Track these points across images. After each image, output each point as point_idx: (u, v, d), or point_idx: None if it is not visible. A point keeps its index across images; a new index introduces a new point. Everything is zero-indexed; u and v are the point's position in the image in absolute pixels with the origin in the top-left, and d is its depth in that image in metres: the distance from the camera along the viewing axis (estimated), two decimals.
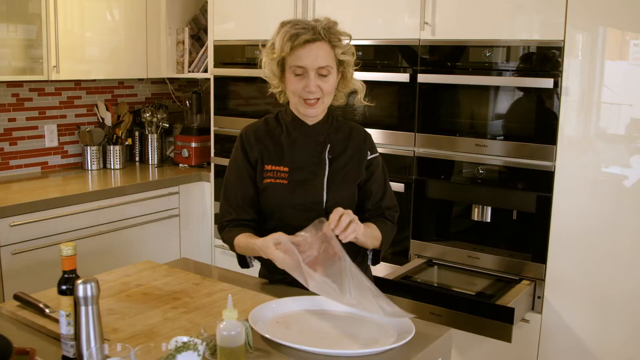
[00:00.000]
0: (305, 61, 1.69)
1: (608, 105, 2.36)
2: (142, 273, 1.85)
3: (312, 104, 1.74)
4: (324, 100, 1.76)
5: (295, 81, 1.72)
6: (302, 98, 1.74)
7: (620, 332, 2.39)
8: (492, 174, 2.61)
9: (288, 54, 1.70)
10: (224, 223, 1.83)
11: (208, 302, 1.63)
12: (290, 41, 1.68)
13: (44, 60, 3.12)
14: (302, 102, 1.75)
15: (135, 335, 1.43)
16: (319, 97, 1.73)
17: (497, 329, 2.27)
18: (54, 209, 2.94)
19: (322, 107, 1.78)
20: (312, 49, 1.69)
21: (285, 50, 1.69)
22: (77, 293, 1.26)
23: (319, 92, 1.72)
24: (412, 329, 1.45)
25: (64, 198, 3.00)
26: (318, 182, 1.78)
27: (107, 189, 3.21)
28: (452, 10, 2.63)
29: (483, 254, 2.66)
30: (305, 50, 1.69)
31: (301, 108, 1.76)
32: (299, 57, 1.69)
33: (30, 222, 2.84)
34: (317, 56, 1.69)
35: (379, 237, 1.80)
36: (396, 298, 2.46)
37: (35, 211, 2.86)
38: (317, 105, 1.75)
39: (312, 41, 1.69)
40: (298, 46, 1.68)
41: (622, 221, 2.34)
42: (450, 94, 2.70)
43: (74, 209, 3.02)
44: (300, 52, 1.69)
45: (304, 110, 1.76)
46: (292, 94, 1.76)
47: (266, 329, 1.45)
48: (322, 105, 1.77)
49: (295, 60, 1.70)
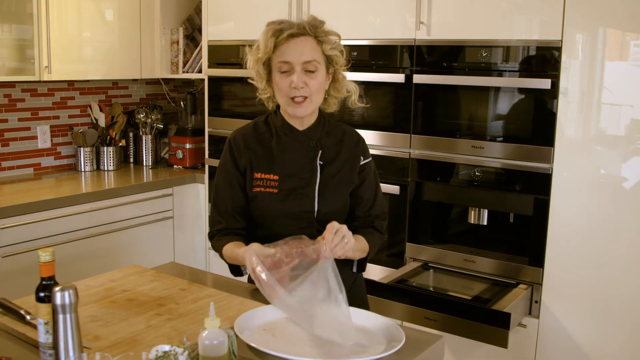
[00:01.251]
0: (289, 56, 1.64)
1: (607, 106, 2.31)
2: (128, 278, 1.81)
3: (300, 102, 1.67)
4: (312, 100, 1.69)
5: (281, 79, 1.66)
6: (289, 97, 1.67)
7: (619, 337, 2.35)
8: (489, 176, 2.57)
9: (272, 52, 1.65)
10: (214, 232, 1.79)
11: (194, 309, 1.59)
12: (274, 37, 1.64)
13: (35, 61, 3.09)
14: (290, 102, 1.68)
15: (117, 343, 1.39)
16: (306, 95, 1.66)
17: (493, 335, 2.23)
18: (46, 211, 2.91)
19: (310, 107, 1.70)
20: (297, 44, 1.64)
21: (269, 46, 1.64)
22: (55, 301, 1.23)
23: (307, 90, 1.66)
24: (402, 337, 1.41)
25: (57, 200, 2.97)
26: (309, 190, 1.72)
27: (100, 190, 3.18)
28: (447, 10, 2.59)
29: (479, 257, 2.62)
30: (289, 45, 1.64)
31: (289, 108, 1.69)
32: (284, 52, 1.64)
33: (21, 225, 2.81)
34: (303, 51, 1.64)
35: (366, 250, 1.76)
36: (390, 302, 2.43)
37: (27, 213, 2.83)
38: (305, 104, 1.68)
39: (296, 35, 1.64)
40: (282, 41, 1.64)
41: (620, 224, 2.30)
42: (447, 95, 2.66)
43: (66, 211, 2.98)
44: (285, 47, 1.64)
45: (292, 111, 1.69)
46: (279, 94, 1.70)
47: (252, 337, 1.41)
48: (311, 105, 1.69)
49: (280, 56, 1.65)
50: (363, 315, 1.56)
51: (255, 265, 1.50)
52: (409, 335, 1.45)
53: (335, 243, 1.52)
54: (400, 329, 1.45)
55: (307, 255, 1.51)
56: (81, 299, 1.64)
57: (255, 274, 1.50)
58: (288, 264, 1.51)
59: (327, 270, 1.46)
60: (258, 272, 1.48)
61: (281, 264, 1.52)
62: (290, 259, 1.52)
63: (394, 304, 2.42)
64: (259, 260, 1.50)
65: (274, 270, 1.50)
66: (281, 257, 1.52)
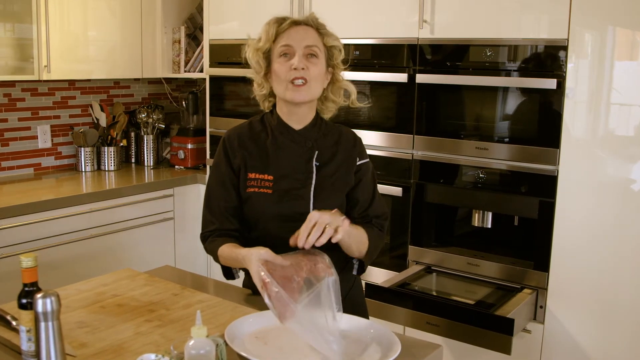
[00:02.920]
0: (291, 40, 1.64)
1: (615, 107, 2.25)
2: (120, 282, 1.77)
3: (299, 85, 1.62)
4: (311, 86, 1.64)
5: (282, 64, 1.64)
6: (288, 81, 1.63)
7: (625, 343, 2.28)
8: (493, 178, 2.51)
9: (274, 40, 1.65)
10: (207, 233, 1.74)
11: (185, 315, 1.54)
12: (277, 24, 1.65)
13: (34, 60, 3.06)
14: (289, 86, 1.63)
15: (103, 351, 1.35)
16: (306, 77, 1.62)
17: (496, 341, 2.18)
18: (47, 212, 2.88)
19: (309, 94, 1.65)
20: (299, 30, 1.65)
21: (271, 33, 1.64)
22: (36, 308, 1.19)
23: (307, 73, 1.62)
24: (397, 348, 1.36)
25: (57, 200, 2.94)
26: (304, 192, 1.67)
27: (100, 191, 3.15)
28: (451, 9, 2.54)
29: (483, 261, 2.56)
30: (292, 31, 1.65)
31: (288, 93, 1.64)
32: (285, 37, 1.65)
33: (21, 225, 2.78)
34: (305, 36, 1.64)
35: (366, 243, 1.68)
36: (392, 307, 2.38)
37: (27, 214, 2.80)
38: (304, 89, 1.63)
39: (299, 23, 1.66)
40: (285, 28, 1.65)
41: (628, 227, 2.24)
42: (450, 95, 2.60)
43: (66, 212, 2.95)
44: (287, 34, 1.65)
45: (290, 95, 1.64)
46: (278, 81, 1.65)
47: (243, 345, 1.37)
48: (309, 91, 1.65)
49: (282, 41, 1.65)
50: (358, 323, 1.51)
51: (262, 274, 1.40)
52: (406, 345, 1.40)
53: (313, 239, 1.45)
54: (396, 338, 1.40)
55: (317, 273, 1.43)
56: (71, 303, 1.61)
57: (262, 284, 1.39)
58: (299, 283, 1.41)
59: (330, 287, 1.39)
60: (267, 283, 1.38)
61: (292, 281, 1.41)
62: (300, 278, 1.42)
63: (396, 308, 2.37)
64: (266, 271, 1.40)
65: (286, 285, 1.39)
66: (293, 273, 1.42)
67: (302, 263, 1.44)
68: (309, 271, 1.42)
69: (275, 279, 1.38)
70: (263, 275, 1.40)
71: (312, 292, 1.39)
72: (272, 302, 1.36)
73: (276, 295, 1.36)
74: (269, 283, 1.37)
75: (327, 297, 1.37)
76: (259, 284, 1.40)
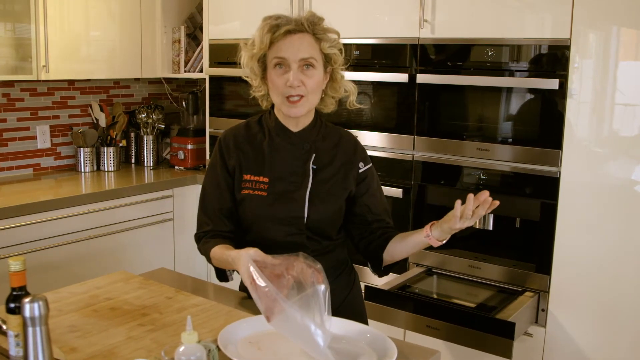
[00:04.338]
0: (286, 52, 1.56)
1: (619, 107, 2.22)
2: (114, 285, 1.74)
3: (295, 101, 1.58)
4: (309, 99, 1.60)
5: (277, 76, 1.58)
6: (284, 97, 1.59)
7: (628, 347, 2.25)
8: (495, 180, 2.48)
9: (268, 48, 1.57)
10: (201, 234, 1.71)
11: (178, 319, 1.52)
12: (270, 32, 1.56)
13: (33, 60, 3.04)
14: (285, 101, 1.59)
15: (93, 356, 1.32)
16: (302, 94, 1.58)
17: (497, 345, 2.15)
18: (46, 212, 2.86)
19: (306, 107, 1.61)
20: (294, 40, 1.56)
21: (265, 42, 1.56)
22: (24, 313, 1.16)
23: (303, 89, 1.57)
24: (394, 352, 1.33)
25: (56, 201, 2.92)
26: (299, 195, 1.63)
27: (100, 191, 3.13)
28: (451, 8, 2.51)
29: (485, 263, 2.53)
30: (286, 41, 1.56)
31: (284, 108, 1.61)
32: (280, 48, 1.56)
33: (20, 226, 2.76)
34: (300, 47, 1.56)
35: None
36: (392, 310, 2.36)
37: (26, 214, 2.78)
38: (301, 104, 1.59)
39: (293, 32, 1.56)
40: (279, 37, 1.56)
41: (631, 230, 2.20)
42: (451, 95, 2.57)
43: (66, 212, 2.93)
44: (281, 44, 1.56)
45: (286, 111, 1.61)
46: (274, 92, 1.61)
47: (236, 350, 1.34)
48: (307, 104, 1.61)
49: (276, 52, 1.57)
50: (354, 328, 1.48)
51: (251, 271, 1.36)
52: (403, 351, 1.37)
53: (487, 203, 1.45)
54: (392, 344, 1.37)
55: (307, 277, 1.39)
56: (63, 306, 1.59)
57: (251, 280, 1.36)
58: (289, 280, 1.38)
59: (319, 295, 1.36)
60: (255, 278, 1.34)
61: (282, 278, 1.38)
62: (290, 275, 1.38)
63: (396, 311, 2.34)
64: (255, 267, 1.37)
65: (275, 281, 1.36)
66: (283, 271, 1.39)
67: (294, 263, 1.41)
68: (300, 271, 1.38)
69: (265, 276, 1.35)
70: (252, 271, 1.36)
71: (302, 295, 1.36)
72: (260, 297, 1.33)
73: (265, 291, 1.32)
74: (258, 279, 1.34)
75: (316, 302, 1.34)
76: (247, 281, 1.36)
